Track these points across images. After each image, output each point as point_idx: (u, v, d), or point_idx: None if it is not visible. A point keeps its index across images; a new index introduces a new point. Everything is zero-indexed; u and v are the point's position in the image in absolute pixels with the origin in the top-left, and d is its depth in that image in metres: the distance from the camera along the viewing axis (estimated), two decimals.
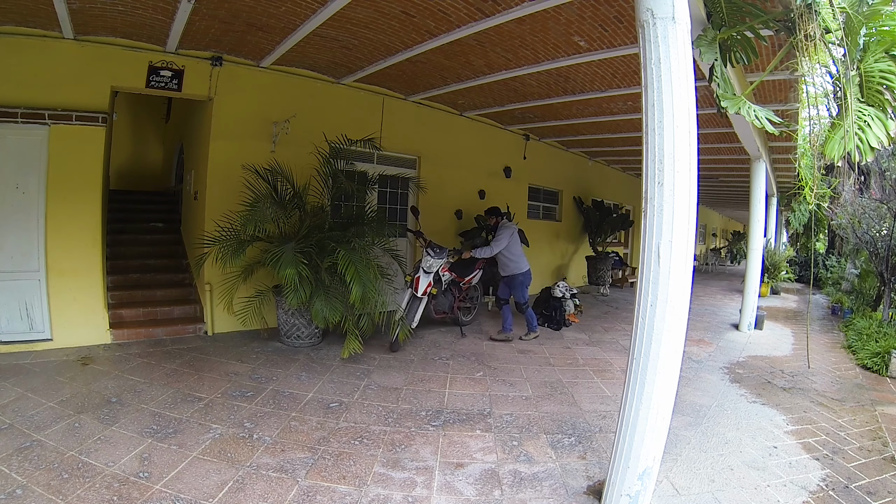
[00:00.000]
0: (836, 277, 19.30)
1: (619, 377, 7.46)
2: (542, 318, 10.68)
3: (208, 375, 6.60)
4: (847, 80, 4.61)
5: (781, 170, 15.09)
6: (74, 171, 7.47)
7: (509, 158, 14.00)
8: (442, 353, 8.27)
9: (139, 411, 5.38)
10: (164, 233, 10.88)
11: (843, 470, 4.89)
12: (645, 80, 3.52)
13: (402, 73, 9.12)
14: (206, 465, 4.40)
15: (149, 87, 8.00)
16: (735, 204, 30.72)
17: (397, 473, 4.46)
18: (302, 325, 8.04)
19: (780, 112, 8.16)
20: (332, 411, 5.71)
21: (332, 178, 8.29)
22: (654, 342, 3.52)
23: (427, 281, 8.60)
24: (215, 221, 7.84)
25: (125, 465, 4.28)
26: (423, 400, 6.23)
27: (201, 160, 8.94)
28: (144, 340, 7.95)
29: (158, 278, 9.43)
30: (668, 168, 3.41)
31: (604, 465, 4.70)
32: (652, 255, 3.51)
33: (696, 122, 3.55)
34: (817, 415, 6.34)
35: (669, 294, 3.48)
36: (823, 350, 9.90)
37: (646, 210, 3.56)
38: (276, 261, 7.01)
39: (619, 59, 7.49)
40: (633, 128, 11.77)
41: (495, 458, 4.82)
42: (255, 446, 4.79)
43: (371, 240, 8.20)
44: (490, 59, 7.94)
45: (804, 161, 9.07)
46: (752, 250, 11.61)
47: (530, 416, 5.89)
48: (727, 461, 4.95)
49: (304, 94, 9.29)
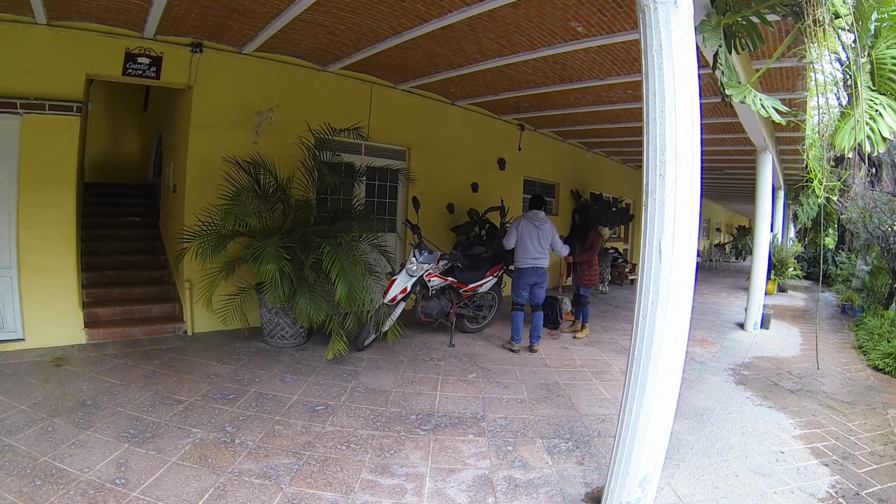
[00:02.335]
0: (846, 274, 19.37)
1: (618, 379, 7.47)
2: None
3: (188, 377, 6.58)
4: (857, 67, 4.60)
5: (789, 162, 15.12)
6: (48, 163, 7.42)
7: (504, 150, 13.97)
8: (433, 354, 8.27)
9: (115, 415, 5.35)
10: (141, 227, 10.83)
11: (853, 476, 4.90)
12: (646, 68, 3.51)
13: (391, 60, 9.08)
14: (186, 471, 4.37)
15: (125, 74, 7.94)
16: (740, 197, 30.80)
17: (386, 480, 4.45)
18: (286, 324, 8.02)
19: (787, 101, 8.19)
20: (317, 415, 5.70)
21: (318, 170, 8.28)
22: (656, 342, 3.52)
23: (403, 286, 8.41)
24: (195, 215, 7.80)
25: (101, 472, 4.25)
26: (414, 403, 6.22)
27: (180, 151, 8.90)
28: (121, 340, 7.90)
29: (136, 275, 9.37)
30: (670, 159, 3.40)
31: (602, 471, 4.69)
32: (653, 251, 3.50)
33: (700, 111, 3.55)
34: (826, 418, 6.36)
35: (671, 292, 3.47)
36: (833, 350, 9.93)
37: (647, 204, 3.55)
38: (259, 257, 6.94)
39: (619, 46, 7.48)
40: (634, 117, 11.75)
41: (489, 464, 4.81)
42: (237, 451, 4.77)
43: (358, 235, 8.19)
44: (483, 46, 7.92)
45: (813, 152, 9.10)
46: (758, 246, 11.64)
47: (525, 419, 5.90)
48: (732, 467, 4.96)
49: (288, 83, 9.25)
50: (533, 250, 8.74)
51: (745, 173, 18.56)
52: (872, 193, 13.26)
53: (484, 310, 10.09)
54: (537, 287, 8.91)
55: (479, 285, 9.53)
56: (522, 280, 8.83)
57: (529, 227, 8.78)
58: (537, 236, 8.74)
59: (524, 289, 8.86)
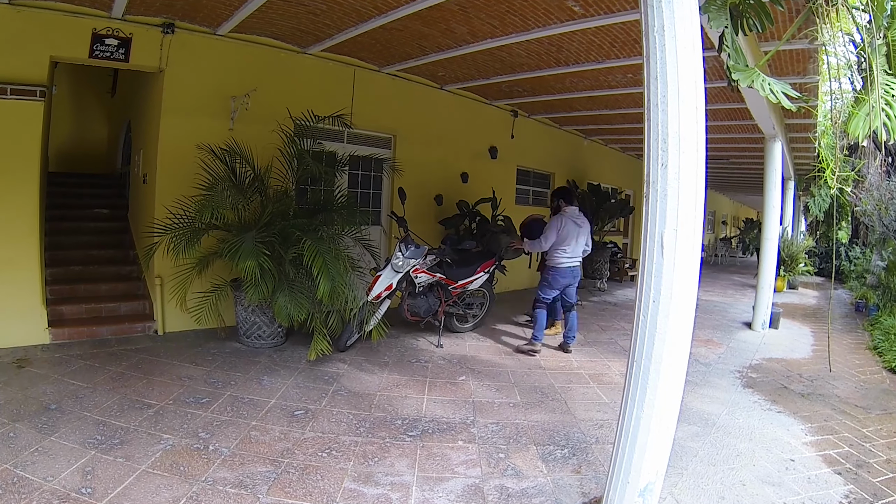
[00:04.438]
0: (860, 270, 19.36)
1: (617, 382, 7.47)
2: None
3: (159, 379, 6.55)
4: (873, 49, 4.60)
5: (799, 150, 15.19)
6: (9, 151, 7.34)
7: (495, 137, 13.97)
8: (420, 355, 8.27)
9: (81, 419, 5.32)
10: (109, 220, 10.80)
11: (868, 485, 4.91)
12: (647, 50, 3.49)
13: (376, 42, 9.05)
14: (156, 479, 4.34)
15: (92, 57, 7.86)
16: (748, 188, 30.92)
17: (370, 489, 4.43)
18: (263, 323, 8.00)
19: (797, 86, 8.19)
20: (297, 419, 5.69)
21: (298, 159, 8.23)
22: (657, 343, 3.51)
23: (388, 283, 8.35)
24: (167, 207, 7.71)
25: (66, 480, 4.22)
26: (399, 407, 6.21)
27: (151, 139, 8.84)
28: (87, 340, 7.85)
29: (103, 271, 9.34)
30: (673, 148, 3.39)
31: (601, 480, 4.69)
32: (655, 246, 3.49)
33: (704, 96, 3.53)
34: (839, 424, 6.38)
35: (674, 289, 3.46)
36: (846, 351, 9.98)
37: (648, 195, 3.54)
38: (235, 252, 6.92)
39: (619, 27, 7.48)
40: (634, 103, 11.77)
41: (479, 473, 4.81)
42: (210, 459, 4.75)
43: (341, 228, 8.18)
44: (474, 26, 7.90)
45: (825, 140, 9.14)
46: (767, 240, 11.67)
47: (518, 425, 5.90)
48: (739, 476, 4.96)
49: (266, 66, 9.21)
50: (572, 250, 8.75)
51: (752, 163, 18.65)
52: (888, 184, 13.31)
53: (474, 308, 10.04)
54: (571, 287, 8.96)
55: (469, 282, 9.49)
56: (558, 281, 8.83)
57: (570, 226, 8.72)
58: (576, 235, 8.74)
59: (557, 289, 8.90)
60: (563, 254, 8.70)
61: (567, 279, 8.81)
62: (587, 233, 8.93)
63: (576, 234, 8.70)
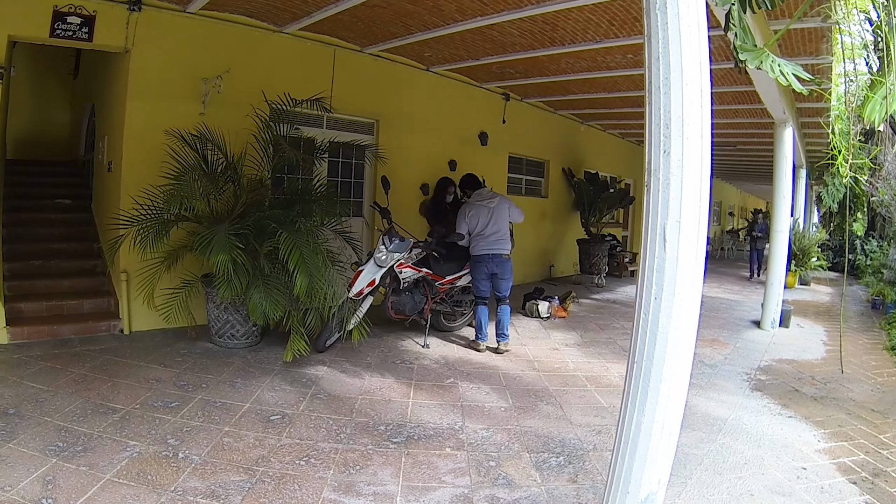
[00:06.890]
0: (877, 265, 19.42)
1: (616, 384, 7.47)
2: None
3: (125, 382, 6.52)
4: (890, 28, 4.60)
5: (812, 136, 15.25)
6: None
7: (486, 122, 13.97)
8: (405, 356, 8.27)
9: (42, 425, 5.28)
10: (71, 211, 10.74)
11: (885, 496, 4.92)
12: (648, 29, 3.47)
13: (358, 20, 9.01)
14: (122, 489, 4.31)
15: (53, 36, 7.78)
16: (756, 177, 31.02)
17: (352, 500, 4.42)
18: (237, 321, 7.98)
19: (809, 67, 8.20)
20: (272, 425, 5.67)
21: (274, 146, 8.20)
22: (659, 342, 3.50)
23: (370, 278, 8.34)
24: (133, 198, 7.69)
25: (25, 490, 4.19)
26: (383, 412, 6.21)
27: (116, 124, 8.78)
28: (48, 340, 7.81)
29: (65, 266, 9.31)
30: (676, 134, 3.38)
31: (598, 489, 4.69)
32: (656, 238, 3.48)
33: (710, 78, 3.52)
34: (855, 429, 6.40)
35: (677, 285, 3.45)
36: (861, 352, 10.02)
37: (649, 184, 3.53)
38: (206, 245, 6.89)
39: (618, 4, 7.47)
40: (635, 85, 11.76)
41: (469, 482, 4.81)
42: (180, 467, 4.72)
43: (320, 220, 8.16)
44: (462, 3, 7.88)
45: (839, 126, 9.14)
46: (777, 232, 11.71)
47: (511, 430, 5.91)
48: (747, 485, 4.97)
49: (239, 45, 9.17)
50: (489, 235, 8.78)
51: (761, 150, 18.70)
52: None
53: (463, 306, 10.02)
54: (497, 278, 8.87)
55: (457, 277, 9.48)
56: (479, 269, 8.88)
57: (478, 210, 8.82)
58: (489, 216, 8.79)
59: (482, 279, 8.88)
60: (478, 241, 8.78)
61: (490, 267, 8.79)
62: (506, 207, 8.96)
63: (488, 216, 8.76)
